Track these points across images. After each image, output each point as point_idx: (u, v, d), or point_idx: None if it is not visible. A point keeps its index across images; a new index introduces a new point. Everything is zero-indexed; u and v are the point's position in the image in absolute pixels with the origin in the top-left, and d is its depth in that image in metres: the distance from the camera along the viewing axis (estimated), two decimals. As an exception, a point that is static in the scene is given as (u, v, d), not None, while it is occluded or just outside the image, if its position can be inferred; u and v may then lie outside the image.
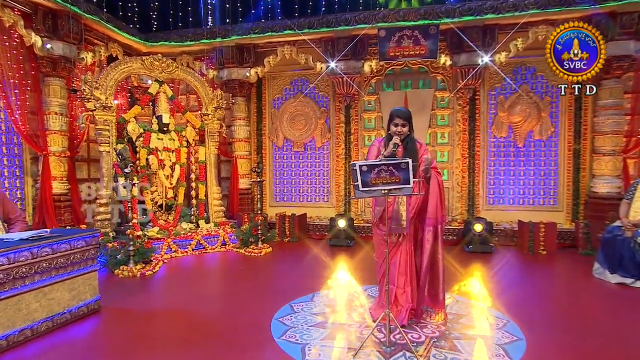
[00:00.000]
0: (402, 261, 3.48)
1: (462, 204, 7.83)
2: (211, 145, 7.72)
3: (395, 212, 3.41)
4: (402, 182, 3.00)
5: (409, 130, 3.47)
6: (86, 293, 3.97)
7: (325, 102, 8.43)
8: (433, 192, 3.40)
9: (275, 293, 4.54)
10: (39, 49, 6.04)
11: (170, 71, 7.19)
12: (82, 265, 3.93)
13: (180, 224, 7.17)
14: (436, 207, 3.37)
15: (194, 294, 4.60)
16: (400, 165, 3.00)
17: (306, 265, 5.93)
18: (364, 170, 3.02)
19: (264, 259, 6.30)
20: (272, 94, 8.72)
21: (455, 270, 5.50)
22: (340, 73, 7.57)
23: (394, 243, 3.45)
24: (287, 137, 8.60)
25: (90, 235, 4.03)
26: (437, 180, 3.41)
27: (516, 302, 4.26)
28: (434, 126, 7.94)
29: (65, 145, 6.53)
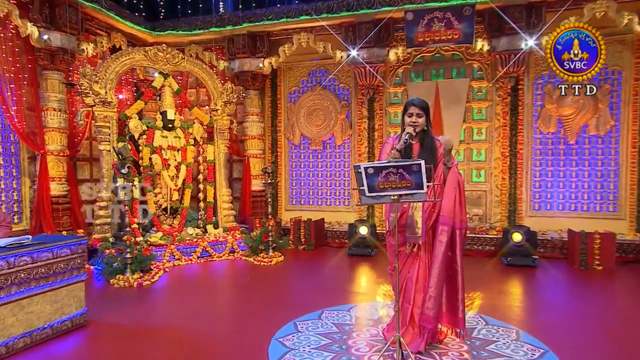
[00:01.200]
0: (419, 275, 3.30)
1: (502, 209, 7.49)
2: (220, 143, 7.69)
3: (410, 219, 3.25)
4: (414, 186, 2.82)
5: (425, 123, 3.28)
6: (70, 306, 3.93)
7: (346, 95, 8.28)
8: (450, 187, 3.18)
9: (279, 308, 4.44)
10: (36, 40, 6.14)
11: (176, 62, 7.18)
12: (66, 275, 3.89)
13: (186, 228, 7.16)
14: (452, 206, 3.16)
15: (190, 308, 4.55)
16: (412, 167, 2.80)
17: (319, 276, 5.80)
18: (370, 173, 2.85)
19: (273, 268, 6.22)
20: (288, 86, 8.63)
21: (489, 286, 5.23)
22: (362, 62, 7.39)
23: (408, 254, 3.30)
24: (304, 133, 8.50)
25: (76, 243, 4.00)
26: (457, 175, 3.22)
27: (559, 327, 3.94)
28: (469, 120, 7.65)
29: (64, 143, 6.63)
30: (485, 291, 4.97)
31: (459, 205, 3.22)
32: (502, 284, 5.38)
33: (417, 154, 3.26)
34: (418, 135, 3.28)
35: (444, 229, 3.18)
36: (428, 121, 3.30)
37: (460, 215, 3.23)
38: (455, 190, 3.20)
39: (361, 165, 2.86)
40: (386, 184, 2.84)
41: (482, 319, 4.12)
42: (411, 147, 3.29)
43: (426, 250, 3.27)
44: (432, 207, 3.23)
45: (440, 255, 3.19)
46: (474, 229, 7.39)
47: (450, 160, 3.18)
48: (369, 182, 2.87)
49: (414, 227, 3.24)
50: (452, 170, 3.22)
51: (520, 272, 5.93)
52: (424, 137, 3.29)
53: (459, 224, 3.23)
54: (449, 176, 3.22)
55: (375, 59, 7.38)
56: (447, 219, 3.19)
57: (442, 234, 3.18)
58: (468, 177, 7.67)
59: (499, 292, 4.99)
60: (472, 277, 5.61)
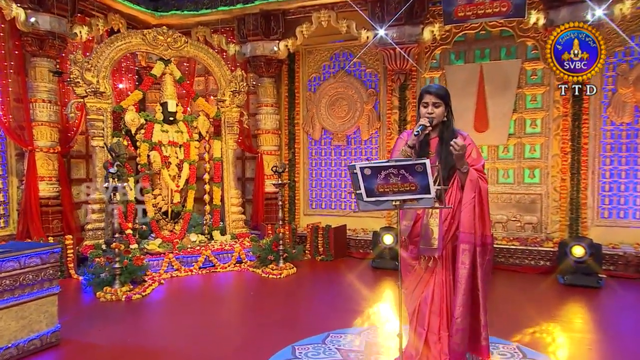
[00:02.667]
0: (435, 296, 3.15)
1: (561, 216, 7.12)
2: (229, 138, 7.70)
3: (425, 227, 3.12)
4: (419, 190, 2.68)
5: (445, 114, 3.13)
6: (40, 322, 3.96)
7: (374, 82, 8.14)
8: (468, 196, 3.01)
9: (281, 328, 4.42)
10: (22, 24, 6.26)
11: (178, 47, 7.22)
12: (35, 287, 3.92)
13: (188, 235, 7.18)
14: (473, 219, 3.00)
15: (180, 326, 4.53)
16: (415, 167, 2.65)
17: (333, 293, 5.68)
18: (367, 174, 2.73)
19: (283, 282, 6.17)
20: (307, 72, 8.57)
21: (537, 309, 4.95)
22: (391, 43, 7.20)
23: (424, 270, 3.16)
24: (325, 127, 8.41)
25: (48, 251, 4.02)
26: (477, 182, 3.03)
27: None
28: (521, 110, 7.35)
29: (54, 138, 6.77)
30: (531, 316, 4.71)
31: (480, 218, 3.05)
32: (555, 308, 5.10)
33: (435, 151, 3.12)
34: (436, 128, 3.14)
35: (465, 249, 3.02)
36: (449, 112, 3.16)
37: (482, 228, 3.05)
38: (473, 202, 3.02)
39: (356, 164, 2.73)
40: (386, 187, 2.72)
41: (519, 351, 3.87)
42: (428, 143, 3.16)
43: (444, 266, 3.12)
44: (452, 216, 3.08)
45: (464, 280, 3.03)
46: (526, 239, 7.12)
47: (465, 165, 3.00)
48: (366, 184, 2.75)
49: (429, 238, 3.10)
50: (470, 174, 3.03)
51: (580, 293, 5.61)
52: (443, 130, 3.15)
53: (480, 239, 3.04)
54: (467, 182, 3.04)
55: (406, 39, 7.18)
56: (468, 237, 3.02)
57: (464, 254, 3.02)
58: (519, 177, 7.38)
59: (548, 318, 4.70)
60: (517, 299, 5.42)
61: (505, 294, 5.62)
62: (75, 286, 5.90)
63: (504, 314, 4.74)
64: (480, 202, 3.04)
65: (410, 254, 3.16)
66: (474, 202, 3.01)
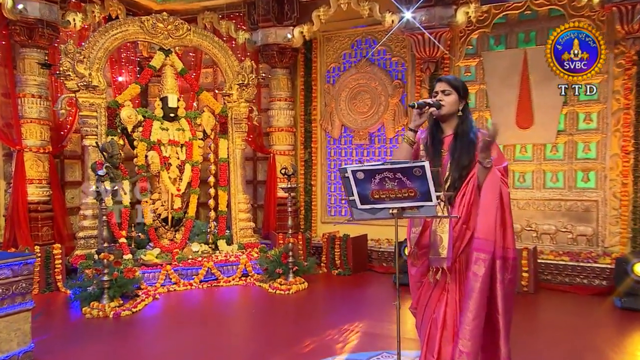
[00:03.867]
0: (447, 318, 3.04)
1: (622, 227, 6.85)
2: (236, 136, 7.70)
3: (433, 236, 3.05)
4: (420, 196, 2.65)
5: (459, 107, 3.08)
6: (11, 341, 3.97)
7: (401, 72, 8.03)
8: (489, 197, 2.91)
9: (275, 354, 4.34)
10: (9, 11, 6.36)
11: (180, 35, 7.25)
12: (5, 302, 3.94)
13: (190, 244, 7.20)
14: (493, 225, 2.88)
15: (170, 348, 4.53)
16: (413, 171, 2.59)
17: (344, 312, 5.59)
18: (360, 178, 2.70)
19: (292, 298, 6.14)
20: (326, 62, 8.52)
21: (585, 338, 4.77)
22: (419, 27, 7.04)
23: (433, 286, 3.08)
24: (345, 123, 8.34)
25: (20, 262, 4.04)
26: (499, 184, 2.93)
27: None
28: (573, 102, 7.08)
29: (45, 137, 6.88)
30: (584, 347, 4.53)
31: (501, 225, 2.91)
32: (611, 336, 4.90)
33: (448, 149, 3.05)
34: (451, 123, 3.09)
35: (479, 257, 2.89)
36: (466, 107, 3.10)
37: (503, 237, 2.92)
38: (496, 203, 2.90)
39: (347, 167, 2.71)
40: (382, 193, 2.70)
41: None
42: (442, 141, 3.09)
43: (457, 280, 3.03)
44: (464, 221, 2.98)
45: (475, 294, 2.88)
46: (578, 254, 6.84)
47: (489, 159, 2.86)
48: (359, 190, 2.74)
49: (437, 247, 3.02)
50: (492, 173, 2.92)
51: (640, 320, 5.34)
52: (458, 126, 3.07)
53: (501, 251, 2.91)
54: (487, 182, 2.91)
55: (437, 22, 7.03)
56: (485, 244, 2.88)
57: (477, 263, 2.89)
58: (571, 181, 7.12)
59: (604, 350, 4.48)
60: (567, 325, 5.24)
61: (552, 319, 5.44)
62: (62, 301, 5.97)
63: (550, 343, 4.58)
64: (502, 208, 2.92)
65: (419, 267, 3.11)
66: (497, 206, 2.89)
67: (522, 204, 7.30)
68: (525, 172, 7.30)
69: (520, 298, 6.04)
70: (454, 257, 2.97)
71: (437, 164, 3.02)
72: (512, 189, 7.25)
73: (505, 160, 3.04)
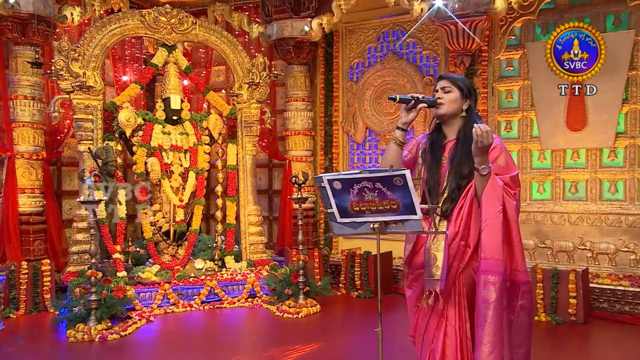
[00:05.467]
0: (446, 347, 2.96)
1: None
2: (246, 141, 7.69)
3: (427, 254, 3.01)
4: (403, 209, 2.61)
5: (462, 107, 3.01)
6: (-25, 367, 3.98)
7: (432, 67, 7.93)
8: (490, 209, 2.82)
9: None
10: (0, 5, 6.51)
11: (184, 30, 7.28)
12: (-31, 324, 3.96)
13: (194, 260, 7.20)
14: (500, 241, 2.80)
15: None
16: (393, 180, 2.53)
17: (360, 342, 5.44)
18: (337, 188, 2.67)
19: (301, 323, 6.08)
20: (348, 57, 8.49)
21: None
22: (451, 16, 6.88)
23: (429, 311, 3.02)
24: (369, 126, 8.27)
25: (-13, 280, 4.06)
26: (501, 193, 2.84)
27: None
28: (636, 99, 6.83)
29: (39, 142, 7.01)
30: None
31: (506, 244, 2.83)
32: None
33: (449, 154, 2.99)
34: (453, 126, 3.04)
35: (488, 280, 2.79)
36: (471, 107, 3.04)
37: (510, 261, 2.85)
38: (499, 216, 2.80)
39: (323, 176, 2.67)
40: (362, 205, 2.68)
41: None
42: (442, 147, 3.04)
43: (457, 305, 2.95)
44: (462, 239, 2.91)
45: (489, 323, 2.77)
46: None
47: (485, 165, 2.76)
48: (338, 201, 2.72)
49: (431, 267, 2.97)
50: (492, 181, 2.82)
51: None
52: (462, 128, 3.00)
53: (511, 271, 2.85)
54: (486, 192, 2.81)
55: (472, 10, 6.84)
56: (494, 264, 2.78)
57: (486, 287, 2.79)
58: (633, 192, 6.83)
59: None
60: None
61: (606, 355, 5.24)
62: (50, 322, 5.99)
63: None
64: (506, 224, 2.82)
65: (415, 290, 3.08)
66: (501, 218, 2.80)
67: (574, 219, 7.00)
68: (577, 182, 7.04)
69: (566, 329, 5.80)
70: (451, 279, 2.90)
71: (435, 173, 2.98)
72: (562, 200, 7.06)
73: (515, 169, 2.92)
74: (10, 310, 6.18)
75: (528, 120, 7.28)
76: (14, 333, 5.65)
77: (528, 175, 7.24)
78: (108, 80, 8.36)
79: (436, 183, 2.96)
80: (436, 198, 2.94)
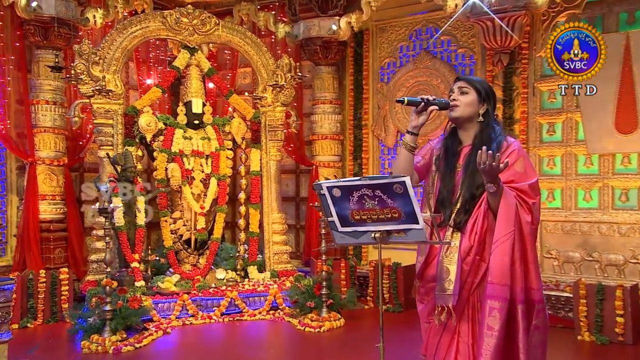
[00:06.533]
0: None
1: None
2: (271, 146, 7.70)
3: (440, 267, 3.00)
4: (404, 218, 2.60)
5: (480, 111, 2.98)
6: (-18, 378, 4.06)
7: (468, 66, 7.79)
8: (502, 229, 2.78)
9: None
10: (22, 9, 6.65)
11: (207, 31, 7.35)
12: (-25, 334, 4.04)
13: (215, 270, 7.22)
14: (508, 264, 2.77)
15: None
16: (393, 187, 2.52)
17: None
18: (337, 196, 2.67)
19: (323, 338, 6.05)
20: (379, 57, 8.43)
21: None
22: (487, 11, 6.74)
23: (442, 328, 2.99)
24: (401, 129, 8.14)
25: (-8, 288, 4.14)
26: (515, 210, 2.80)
27: None
28: None
29: (60, 147, 7.15)
30: None
31: (522, 262, 2.79)
32: None
33: (464, 162, 2.96)
34: (469, 130, 3.02)
35: (494, 307, 2.78)
36: (489, 111, 3.00)
37: (525, 280, 2.79)
38: (511, 237, 2.77)
39: (322, 183, 2.68)
40: (362, 214, 2.68)
41: None
42: (457, 153, 3.03)
43: (470, 320, 2.94)
44: (477, 253, 2.88)
45: (491, 352, 2.74)
46: None
47: (493, 185, 2.71)
48: (338, 210, 2.72)
49: (443, 281, 2.97)
50: (505, 198, 2.77)
51: None
52: (478, 133, 2.98)
53: (523, 295, 2.77)
54: (500, 210, 2.77)
55: (510, 5, 6.72)
56: (500, 290, 2.77)
57: (491, 314, 2.79)
58: None
59: None
60: None
61: None
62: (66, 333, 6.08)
63: None
64: (521, 240, 2.80)
65: (426, 305, 3.08)
66: (512, 239, 2.76)
67: (625, 230, 6.73)
68: (628, 189, 6.77)
69: (613, 350, 5.62)
70: (465, 294, 2.88)
71: (449, 181, 2.94)
72: (610, 209, 6.80)
73: (534, 175, 2.88)
74: (28, 320, 6.31)
75: (573, 123, 7.08)
76: (30, 343, 5.75)
77: (573, 182, 7.00)
78: (132, 84, 8.53)
79: (449, 192, 2.93)
80: (449, 208, 2.91)
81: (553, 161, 7.15)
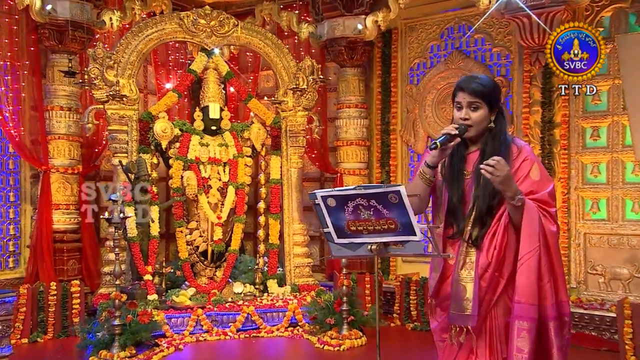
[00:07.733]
0: None
1: None
2: (292, 152, 7.69)
3: (455, 284, 2.98)
4: (401, 229, 2.64)
5: (490, 118, 2.96)
6: (-21, 395, 4.10)
7: (504, 66, 7.71)
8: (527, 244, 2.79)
9: None
10: (37, 12, 6.77)
11: (225, 32, 7.40)
12: (-26, 348, 4.09)
13: (232, 284, 7.22)
14: (535, 283, 2.78)
15: None
16: (388, 197, 2.54)
17: None
18: (331, 206, 2.71)
19: (343, 357, 6.08)
20: (408, 57, 8.39)
21: None
22: (523, 7, 6.68)
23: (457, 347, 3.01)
24: (431, 134, 8.08)
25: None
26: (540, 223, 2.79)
27: None
28: None
29: (75, 155, 7.27)
30: None
31: (549, 275, 2.80)
32: None
33: (474, 168, 2.93)
34: (476, 136, 2.97)
35: (522, 328, 2.80)
36: (499, 115, 2.99)
37: (554, 296, 2.81)
38: (537, 253, 2.77)
39: (317, 192, 2.73)
40: (358, 225, 2.72)
41: None
42: (464, 158, 3.00)
43: (488, 341, 2.92)
44: (496, 270, 2.87)
45: None
46: None
47: (516, 197, 2.71)
48: (333, 220, 2.78)
49: (461, 300, 2.95)
50: (528, 210, 2.76)
51: None
52: (488, 141, 2.96)
53: (555, 310, 2.81)
54: (524, 223, 2.77)
55: (548, 0, 6.62)
56: (528, 310, 2.78)
57: (520, 336, 2.80)
58: None
59: None
60: None
61: None
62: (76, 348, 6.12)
63: None
64: (548, 254, 2.81)
65: (440, 322, 3.09)
66: (538, 255, 2.77)
67: (680, 243, 6.55)
68: (679, 200, 6.59)
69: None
70: (482, 313, 2.86)
71: (457, 189, 2.90)
72: (658, 222, 6.57)
73: (550, 181, 2.88)
74: (38, 334, 6.40)
75: (619, 127, 6.91)
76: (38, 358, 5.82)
77: (620, 191, 6.80)
78: (150, 88, 8.64)
79: (460, 201, 2.88)
80: (463, 220, 2.86)
81: (597, 168, 6.98)
